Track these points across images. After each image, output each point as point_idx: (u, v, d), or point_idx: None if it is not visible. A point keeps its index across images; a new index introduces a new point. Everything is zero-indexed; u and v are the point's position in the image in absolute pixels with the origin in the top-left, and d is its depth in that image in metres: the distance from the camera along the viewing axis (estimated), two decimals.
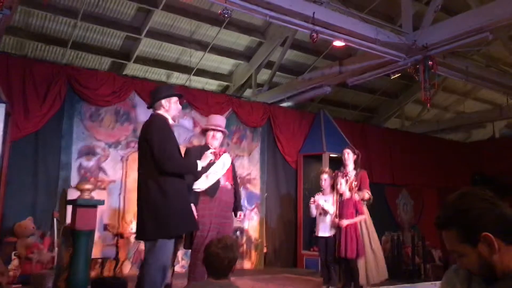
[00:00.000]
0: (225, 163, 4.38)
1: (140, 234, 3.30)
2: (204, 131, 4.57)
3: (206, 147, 4.37)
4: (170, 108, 3.53)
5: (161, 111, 3.52)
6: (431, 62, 6.04)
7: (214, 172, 4.24)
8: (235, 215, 4.51)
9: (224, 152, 4.49)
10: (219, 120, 4.63)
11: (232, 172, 4.52)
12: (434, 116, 11.94)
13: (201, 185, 4.18)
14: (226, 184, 4.35)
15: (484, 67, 8.15)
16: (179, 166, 3.37)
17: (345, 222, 4.97)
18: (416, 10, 6.79)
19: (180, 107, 3.65)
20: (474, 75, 7.36)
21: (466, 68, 7.15)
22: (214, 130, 4.47)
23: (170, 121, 3.55)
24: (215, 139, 4.45)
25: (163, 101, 3.52)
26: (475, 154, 10.88)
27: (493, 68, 8.52)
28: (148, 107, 3.75)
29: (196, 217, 3.84)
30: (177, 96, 3.62)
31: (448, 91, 10.88)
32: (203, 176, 4.19)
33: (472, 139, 12.44)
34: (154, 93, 3.61)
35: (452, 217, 1.24)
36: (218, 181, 4.26)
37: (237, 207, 4.48)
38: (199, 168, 3.61)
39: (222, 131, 4.55)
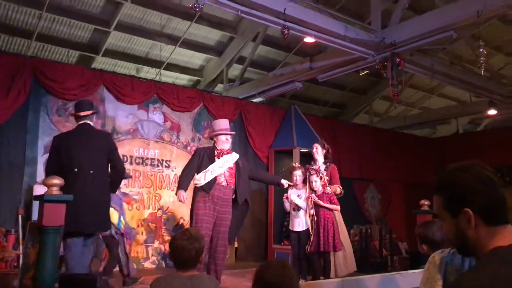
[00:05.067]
0: (225, 163, 4.64)
1: (106, 226, 4.01)
2: (214, 136, 4.81)
3: (213, 150, 4.69)
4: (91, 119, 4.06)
5: (91, 122, 4.01)
6: (399, 59, 6.20)
7: (212, 170, 4.53)
8: (278, 185, 5.29)
9: (229, 153, 4.74)
10: (227, 124, 4.92)
11: (236, 171, 4.70)
12: (401, 112, 12.23)
13: (200, 181, 4.51)
14: (222, 181, 4.58)
15: (448, 65, 8.40)
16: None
17: (317, 199, 5.17)
18: (385, 8, 6.92)
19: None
20: (439, 72, 7.59)
21: (431, 66, 7.37)
22: (226, 134, 4.75)
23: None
24: (228, 143, 4.76)
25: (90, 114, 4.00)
26: (440, 149, 11.21)
27: (457, 66, 8.81)
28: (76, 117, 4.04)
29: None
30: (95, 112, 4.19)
31: (414, 88, 11.17)
32: (202, 173, 4.52)
33: (438, 135, 12.82)
34: (80, 106, 4.02)
35: (443, 186, 1.31)
36: (214, 179, 4.54)
37: (271, 181, 5.82)
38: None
39: (232, 134, 4.91)
